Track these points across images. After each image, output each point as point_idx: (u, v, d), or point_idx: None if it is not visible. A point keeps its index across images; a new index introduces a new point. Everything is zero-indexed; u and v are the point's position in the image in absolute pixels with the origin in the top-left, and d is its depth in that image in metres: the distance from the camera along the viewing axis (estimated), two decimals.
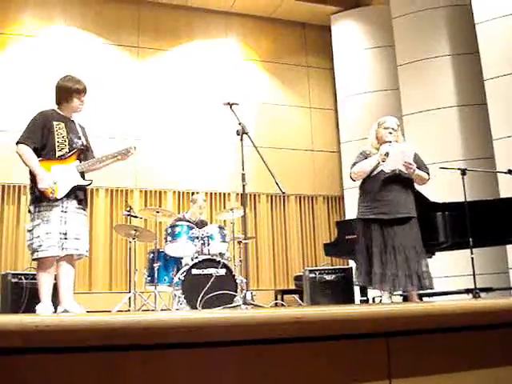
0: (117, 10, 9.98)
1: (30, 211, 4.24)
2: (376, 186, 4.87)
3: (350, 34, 10.69)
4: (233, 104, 4.76)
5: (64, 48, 9.49)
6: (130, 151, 4.48)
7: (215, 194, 9.97)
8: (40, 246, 4.09)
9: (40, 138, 4.23)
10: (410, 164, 4.77)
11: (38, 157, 4.21)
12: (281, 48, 11.06)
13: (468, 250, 5.59)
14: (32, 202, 4.22)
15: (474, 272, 5.50)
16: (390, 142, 4.87)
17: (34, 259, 4.19)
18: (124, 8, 10.04)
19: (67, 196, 4.23)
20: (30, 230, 4.17)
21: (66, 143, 4.29)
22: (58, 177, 4.20)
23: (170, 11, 10.32)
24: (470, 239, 5.48)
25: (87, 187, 4.46)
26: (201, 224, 7.00)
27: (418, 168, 4.87)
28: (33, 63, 9.22)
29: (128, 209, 7.17)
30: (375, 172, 4.87)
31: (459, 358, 2.12)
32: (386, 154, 4.79)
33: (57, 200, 4.17)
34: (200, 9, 10.49)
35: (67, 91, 4.39)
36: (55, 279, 4.25)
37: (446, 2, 9.01)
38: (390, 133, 4.91)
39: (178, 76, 10.16)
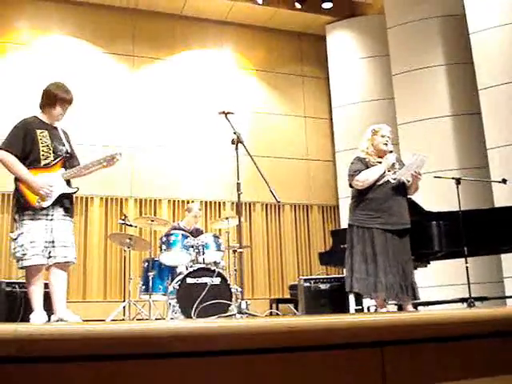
0: (112, 18, 10.01)
1: (14, 219, 4.20)
2: (381, 195, 4.84)
3: (344, 44, 10.73)
4: (228, 113, 4.77)
5: (59, 57, 9.50)
6: (115, 158, 4.42)
7: (210, 202, 9.96)
8: (24, 254, 4.06)
9: (22, 147, 4.19)
10: (420, 174, 4.79)
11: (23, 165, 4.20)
12: (276, 57, 11.09)
13: (463, 259, 5.60)
14: (17, 211, 4.18)
15: (468, 281, 5.51)
16: (392, 151, 4.90)
17: (20, 268, 4.16)
18: (120, 17, 10.06)
19: (53, 204, 4.21)
20: (14, 239, 4.13)
21: (51, 151, 4.26)
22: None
23: (165, 20, 10.35)
24: (465, 248, 5.49)
25: (74, 195, 4.42)
26: (196, 233, 6.99)
27: None
28: (28, 72, 9.21)
29: (123, 217, 7.16)
30: (381, 181, 4.86)
31: (454, 367, 2.12)
32: (393, 165, 4.82)
33: (43, 209, 4.15)
34: (195, 18, 10.53)
35: (53, 98, 4.34)
36: (47, 287, 4.24)
37: (440, 12, 9.07)
38: (387, 141, 4.92)
39: (173, 85, 10.17)
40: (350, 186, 5.02)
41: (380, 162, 4.92)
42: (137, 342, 1.68)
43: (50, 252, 4.13)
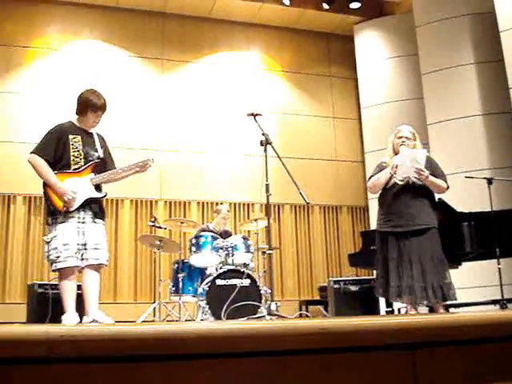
0: (141, 22, 10.09)
1: (47, 223, 4.27)
2: (389, 198, 4.85)
3: (373, 44, 10.66)
4: (256, 115, 4.77)
5: (89, 61, 9.61)
6: (147, 163, 4.48)
7: (239, 204, 9.98)
8: (58, 257, 4.12)
9: (53, 151, 4.27)
10: (422, 170, 4.70)
11: (53, 170, 4.25)
12: (304, 58, 11.07)
13: (495, 260, 5.53)
14: (49, 214, 4.25)
15: (501, 282, 5.44)
16: (400, 152, 4.84)
17: (53, 270, 4.24)
18: (148, 20, 10.15)
19: (83, 207, 4.26)
20: (48, 242, 4.20)
21: (82, 157, 4.32)
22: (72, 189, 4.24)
23: (193, 23, 10.40)
24: (497, 249, 5.42)
25: (104, 199, 4.49)
26: (225, 234, 7.01)
27: (434, 176, 4.80)
28: (58, 77, 9.34)
29: (153, 219, 7.21)
30: (389, 184, 4.85)
31: (487, 369, 2.09)
32: (397, 167, 4.75)
33: (70, 212, 4.20)
34: (223, 20, 10.56)
35: (84, 104, 4.40)
36: (79, 289, 4.29)
37: (469, 10, 8.95)
38: (404, 141, 4.86)
39: (201, 88, 10.22)
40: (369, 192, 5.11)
41: None
42: (167, 344, 1.68)
43: (82, 254, 4.18)
